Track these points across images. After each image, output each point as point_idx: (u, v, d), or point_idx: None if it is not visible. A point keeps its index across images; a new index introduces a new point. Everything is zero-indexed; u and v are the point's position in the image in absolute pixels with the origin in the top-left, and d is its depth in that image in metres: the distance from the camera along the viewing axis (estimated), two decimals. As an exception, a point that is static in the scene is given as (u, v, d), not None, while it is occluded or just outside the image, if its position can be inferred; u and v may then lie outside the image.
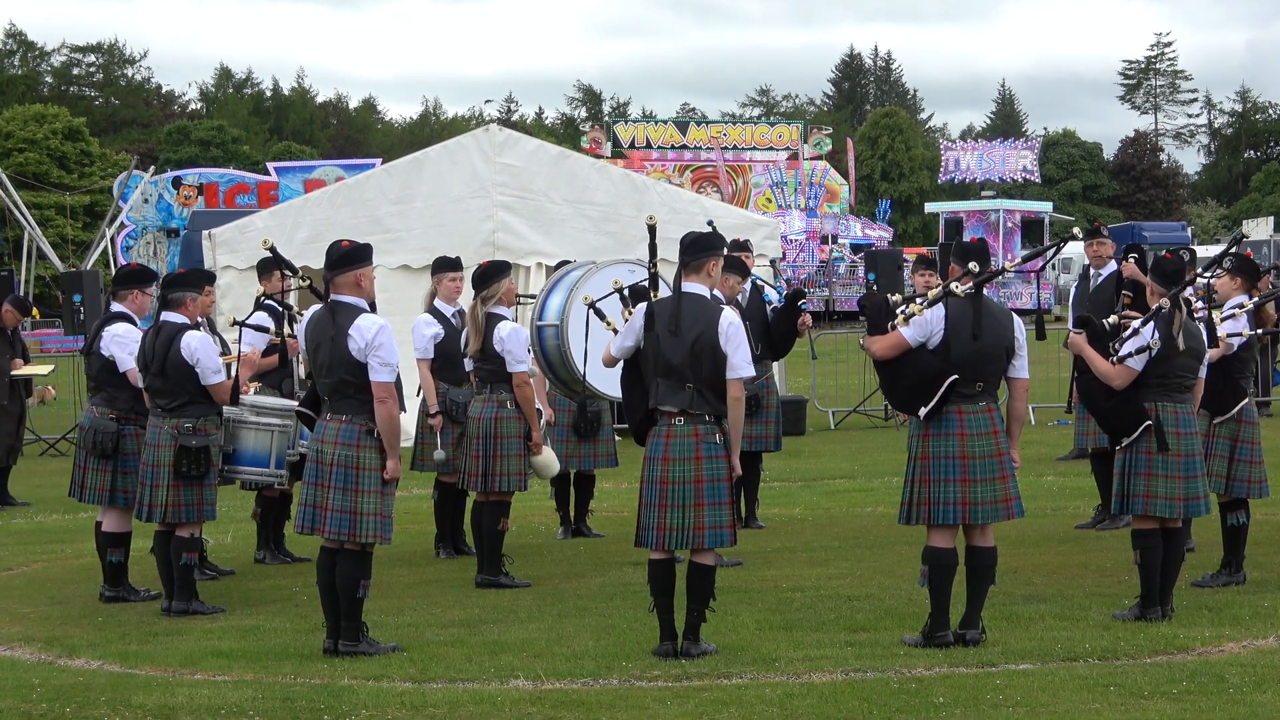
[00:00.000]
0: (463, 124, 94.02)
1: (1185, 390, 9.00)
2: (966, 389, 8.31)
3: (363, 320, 8.39)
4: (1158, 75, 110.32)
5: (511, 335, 10.35)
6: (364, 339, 8.34)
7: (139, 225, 47.07)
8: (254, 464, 10.28)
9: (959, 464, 8.34)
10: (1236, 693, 7.37)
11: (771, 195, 57.95)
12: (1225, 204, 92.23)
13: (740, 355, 8.23)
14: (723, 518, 8.24)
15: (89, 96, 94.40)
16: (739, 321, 8.37)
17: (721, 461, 8.26)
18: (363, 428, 8.43)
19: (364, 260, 8.54)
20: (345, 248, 8.55)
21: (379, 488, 8.43)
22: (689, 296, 8.35)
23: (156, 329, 9.82)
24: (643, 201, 20.01)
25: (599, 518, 12.84)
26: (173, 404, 9.71)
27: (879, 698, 7.38)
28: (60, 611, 9.96)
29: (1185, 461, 8.90)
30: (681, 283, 8.41)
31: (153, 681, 8.04)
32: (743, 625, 9.00)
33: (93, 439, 10.22)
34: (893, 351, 8.40)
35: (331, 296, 8.53)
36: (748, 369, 8.29)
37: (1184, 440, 8.92)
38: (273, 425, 10.27)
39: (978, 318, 8.30)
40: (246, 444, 10.22)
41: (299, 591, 10.40)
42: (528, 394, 10.46)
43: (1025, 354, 8.55)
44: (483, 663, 8.23)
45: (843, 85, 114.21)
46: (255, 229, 19.50)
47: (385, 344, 8.34)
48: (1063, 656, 8.13)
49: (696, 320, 8.23)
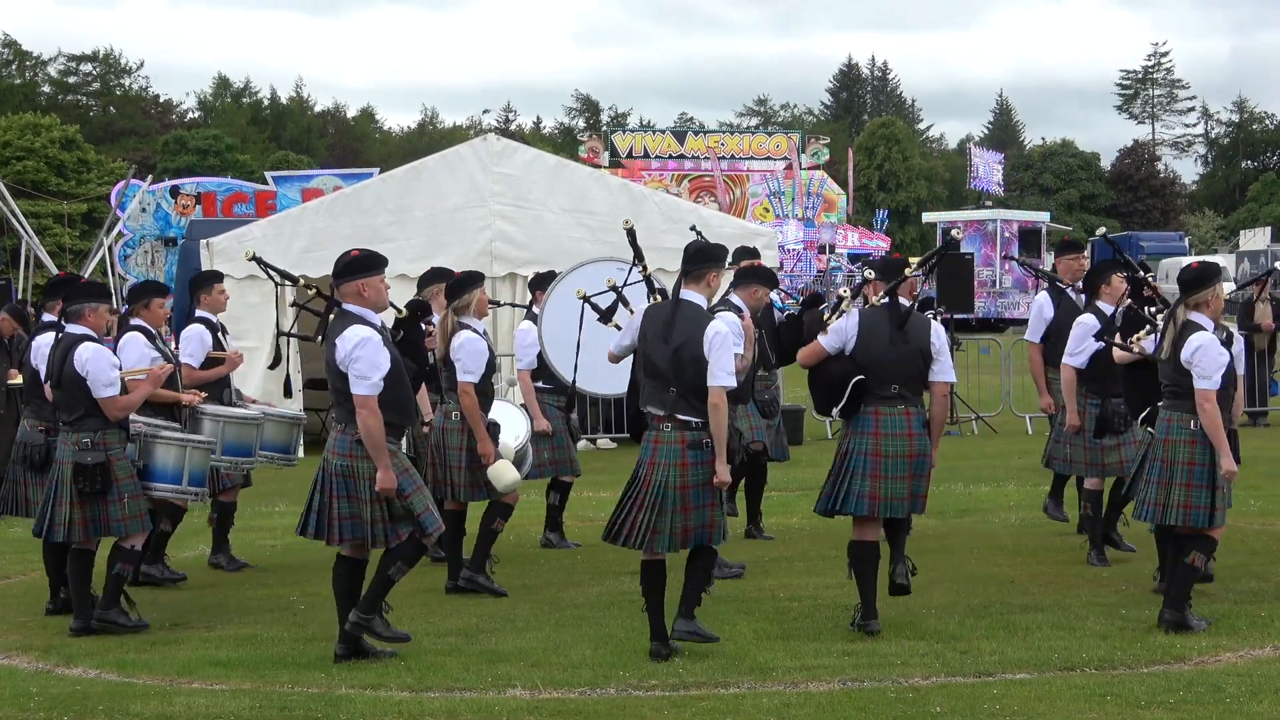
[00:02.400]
0: (461, 133, 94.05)
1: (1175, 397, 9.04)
2: (882, 391, 8.91)
3: (350, 330, 8.39)
4: (1155, 85, 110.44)
5: (464, 345, 10.35)
6: (344, 349, 8.35)
7: (136, 234, 46.98)
8: (164, 480, 9.86)
9: (870, 460, 8.95)
10: (1233, 702, 7.37)
11: (769, 205, 57.99)
12: (1223, 214, 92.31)
13: (721, 364, 8.36)
14: (708, 518, 8.44)
15: (86, 105, 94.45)
16: (726, 332, 8.49)
17: (706, 467, 8.37)
18: (353, 438, 8.43)
19: (365, 270, 8.52)
20: (352, 256, 8.58)
21: (378, 496, 8.42)
22: (684, 304, 8.52)
23: (58, 340, 9.64)
24: (640, 211, 20.01)
25: (596, 526, 12.81)
26: (71, 417, 9.50)
27: (876, 707, 7.38)
28: (58, 620, 9.95)
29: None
30: (680, 290, 8.55)
31: (150, 690, 8.04)
32: (740, 634, 9.01)
33: (23, 452, 10.21)
34: (813, 359, 9.08)
35: (339, 305, 8.56)
36: (727, 378, 8.39)
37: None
38: (186, 441, 9.97)
39: (889, 325, 8.88)
40: (157, 460, 9.84)
41: (296, 601, 10.40)
42: (468, 404, 10.41)
43: (946, 359, 9.00)
44: (480, 672, 8.24)
45: (840, 95, 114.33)
46: (253, 238, 19.53)
47: (363, 356, 8.30)
48: (1060, 666, 8.14)
49: (685, 328, 8.39)
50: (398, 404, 8.47)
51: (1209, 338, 8.80)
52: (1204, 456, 8.83)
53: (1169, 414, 9.03)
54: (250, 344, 19.04)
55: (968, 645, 8.63)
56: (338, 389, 8.46)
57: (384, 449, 8.34)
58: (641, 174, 55.24)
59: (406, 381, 8.59)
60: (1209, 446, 8.81)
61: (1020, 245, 51.92)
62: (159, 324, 10.80)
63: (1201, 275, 9.01)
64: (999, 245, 51.37)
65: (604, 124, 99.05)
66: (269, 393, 16.24)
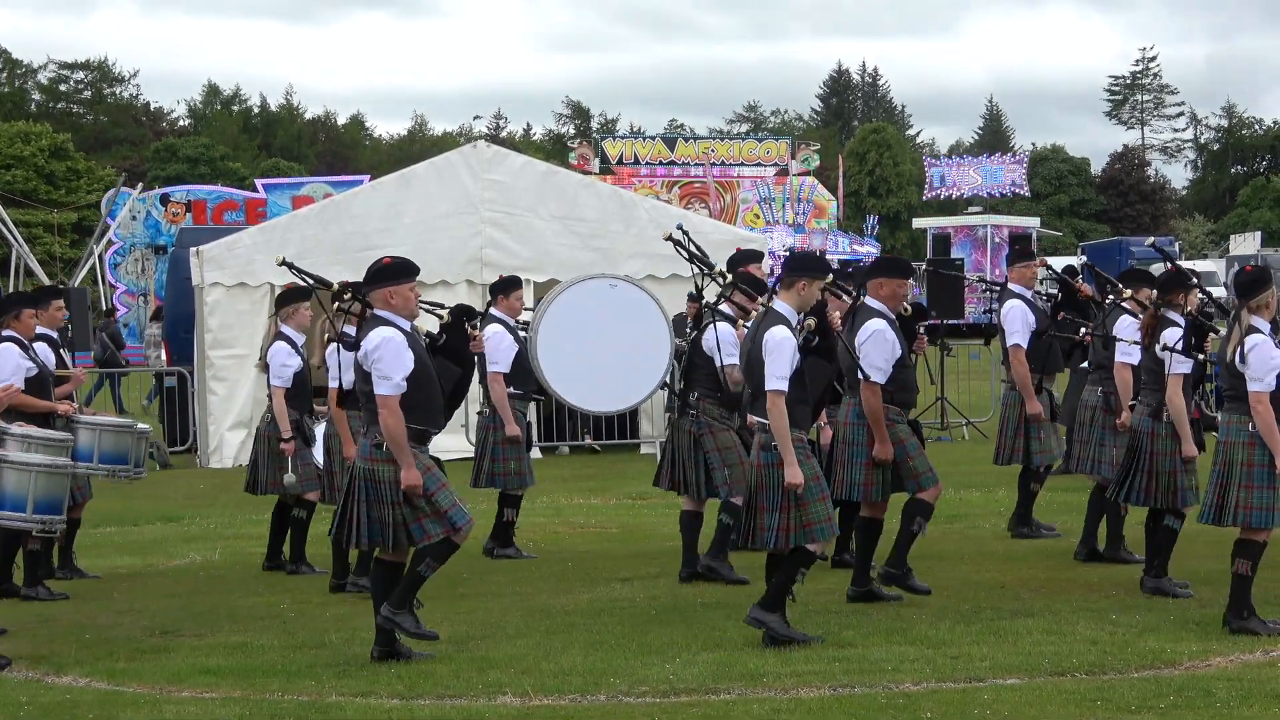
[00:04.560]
0: (452, 140, 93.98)
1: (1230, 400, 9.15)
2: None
3: (374, 333, 8.50)
4: (1143, 90, 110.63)
5: (331, 353, 10.57)
6: (365, 350, 8.49)
7: (127, 242, 46.95)
8: (11, 509, 9.55)
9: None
10: (1223, 707, 7.38)
11: (759, 211, 57.94)
12: (1213, 219, 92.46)
13: (772, 369, 8.64)
14: (774, 521, 8.74)
15: (77, 114, 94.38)
16: (780, 336, 8.69)
17: (775, 469, 8.66)
18: (373, 441, 8.52)
19: (394, 278, 8.63)
20: (384, 264, 8.71)
21: (400, 499, 8.47)
22: (769, 312, 8.89)
23: None
24: (630, 217, 20.08)
25: (587, 533, 12.85)
26: None
27: (866, 713, 7.39)
28: (47, 629, 9.95)
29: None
30: (773, 298, 8.99)
31: (140, 699, 8.03)
32: (730, 640, 9.00)
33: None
34: None
35: (371, 309, 8.68)
36: (777, 382, 8.63)
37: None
38: (36, 465, 9.62)
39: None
40: (6, 486, 9.54)
41: (287, 609, 10.39)
42: (336, 413, 10.71)
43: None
44: (470, 679, 8.23)
45: (830, 101, 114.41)
46: (243, 246, 19.55)
47: (384, 356, 8.41)
48: (1050, 671, 8.14)
49: (757, 334, 8.76)
50: (420, 406, 8.52)
51: (1263, 339, 8.86)
52: (1263, 457, 8.89)
53: (1229, 416, 9.11)
54: (240, 351, 19.11)
55: (958, 650, 8.63)
56: (364, 391, 8.58)
57: (405, 448, 8.40)
58: (631, 180, 55.18)
59: (435, 385, 8.65)
60: (1267, 448, 8.86)
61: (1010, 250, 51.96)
62: (30, 334, 10.94)
63: (1259, 278, 9.08)
64: (989, 251, 51.44)
65: (594, 130, 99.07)
66: (260, 400, 16.19)
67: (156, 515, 15.70)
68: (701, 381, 10.72)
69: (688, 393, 10.78)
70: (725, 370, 10.50)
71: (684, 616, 9.75)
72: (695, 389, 10.74)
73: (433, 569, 8.62)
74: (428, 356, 8.66)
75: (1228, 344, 9.05)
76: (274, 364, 11.51)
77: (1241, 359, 8.85)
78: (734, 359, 10.38)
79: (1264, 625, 8.96)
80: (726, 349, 10.46)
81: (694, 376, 10.77)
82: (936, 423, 21.70)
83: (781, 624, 8.85)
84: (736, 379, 10.43)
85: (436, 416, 8.77)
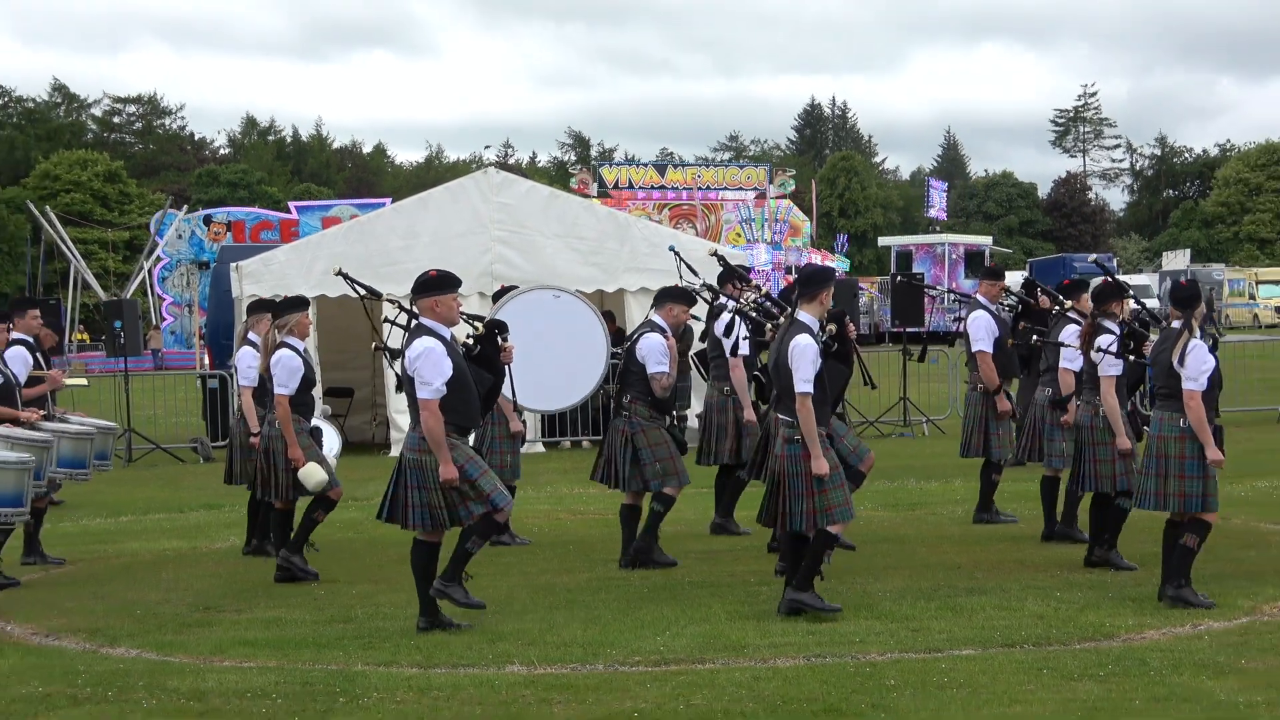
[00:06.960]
0: (465, 167, 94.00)
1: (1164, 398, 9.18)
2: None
3: (417, 342, 8.56)
4: (1084, 123, 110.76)
5: (280, 361, 10.61)
6: (408, 358, 8.56)
7: (173, 259, 46.96)
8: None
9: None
10: (1157, 675, 7.38)
11: (741, 230, 57.89)
12: (1147, 237, 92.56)
13: (799, 373, 8.69)
14: (797, 506, 8.77)
15: (129, 143, 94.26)
16: (804, 343, 8.71)
17: (800, 461, 8.72)
18: (419, 434, 8.56)
19: (439, 289, 8.67)
20: (430, 277, 8.74)
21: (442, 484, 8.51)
22: (794, 321, 8.88)
23: None
24: (626, 235, 20.07)
25: (586, 519, 12.83)
26: None
27: (837, 680, 7.38)
28: (103, 605, 9.93)
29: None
30: (796, 309, 8.98)
31: (186, 668, 8.02)
32: (715, 615, 9.00)
33: None
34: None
35: (417, 319, 8.74)
36: (804, 385, 8.68)
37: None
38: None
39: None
40: None
41: (317, 587, 10.38)
42: (281, 414, 10.66)
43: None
44: (482, 650, 8.22)
45: (805, 131, 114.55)
46: (278, 261, 19.52)
47: (424, 365, 8.46)
48: (1001, 643, 8.14)
49: (783, 342, 8.78)
50: (460, 406, 8.54)
51: (1199, 344, 8.94)
52: (1194, 450, 8.95)
53: (1161, 413, 9.13)
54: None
55: (919, 624, 8.62)
56: (409, 392, 8.61)
57: (443, 445, 8.43)
58: (627, 203, 55.07)
59: (471, 388, 8.65)
60: (1197, 441, 8.92)
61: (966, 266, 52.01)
62: (1, 346, 10.97)
63: (1195, 292, 9.15)
64: (947, 266, 51.46)
65: (593, 158, 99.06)
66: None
67: (200, 503, 15.67)
68: (634, 385, 10.67)
69: (622, 395, 10.76)
70: (653, 378, 10.52)
71: (674, 594, 9.75)
72: (629, 392, 10.71)
73: (478, 545, 8.66)
74: (464, 363, 8.67)
75: (1166, 347, 9.07)
76: (240, 365, 11.51)
77: (1180, 360, 8.89)
78: (662, 367, 10.49)
79: (1196, 596, 8.97)
80: (655, 358, 10.51)
81: (628, 381, 10.72)
82: (900, 420, 21.71)
83: (816, 599, 8.86)
84: (664, 385, 10.51)
85: (474, 415, 8.83)
